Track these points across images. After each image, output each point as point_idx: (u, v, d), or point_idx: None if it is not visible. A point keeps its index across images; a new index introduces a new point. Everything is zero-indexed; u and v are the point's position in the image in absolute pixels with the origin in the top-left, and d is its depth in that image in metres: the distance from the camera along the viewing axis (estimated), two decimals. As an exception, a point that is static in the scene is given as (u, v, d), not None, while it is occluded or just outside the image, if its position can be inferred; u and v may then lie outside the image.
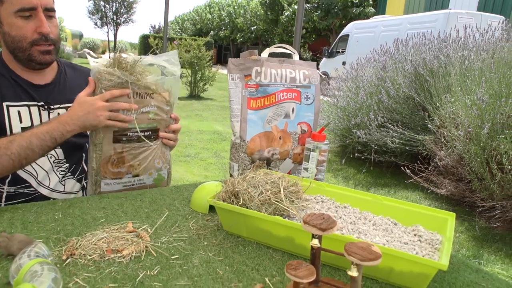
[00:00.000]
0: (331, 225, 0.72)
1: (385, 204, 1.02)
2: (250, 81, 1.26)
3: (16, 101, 1.21)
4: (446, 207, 3.46)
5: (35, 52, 1.19)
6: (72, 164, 1.32)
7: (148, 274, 0.77)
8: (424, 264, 0.74)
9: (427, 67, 3.95)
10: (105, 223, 0.97)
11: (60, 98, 1.29)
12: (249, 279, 0.78)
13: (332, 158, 4.90)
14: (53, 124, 1.12)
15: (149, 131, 1.23)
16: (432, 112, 3.73)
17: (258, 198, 0.92)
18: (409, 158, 4.03)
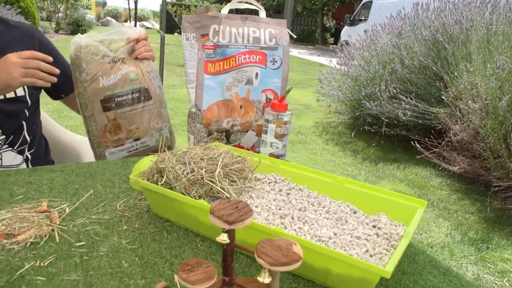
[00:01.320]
0: (242, 217, 0.57)
1: (347, 187, 0.86)
2: (207, 42, 1.10)
3: None
4: (458, 185, 3.26)
5: None
6: (9, 135, 1.19)
7: (36, 266, 0.65)
8: (363, 269, 0.59)
9: (447, 33, 3.64)
10: (21, 200, 0.85)
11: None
12: (156, 275, 0.65)
13: (342, 130, 4.69)
14: None
15: (137, 92, 1.15)
16: (448, 82, 3.45)
17: (187, 177, 0.78)
18: (422, 132, 3.79)
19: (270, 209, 0.80)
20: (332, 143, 4.25)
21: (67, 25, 16.37)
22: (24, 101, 1.17)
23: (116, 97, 1.13)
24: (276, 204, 0.82)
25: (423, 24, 3.98)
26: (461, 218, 2.74)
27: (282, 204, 0.82)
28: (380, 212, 0.81)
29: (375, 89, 3.87)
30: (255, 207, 0.80)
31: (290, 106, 6.22)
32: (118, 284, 0.62)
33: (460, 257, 2.29)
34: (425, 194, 3.08)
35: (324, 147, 4.11)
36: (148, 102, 1.17)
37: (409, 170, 3.56)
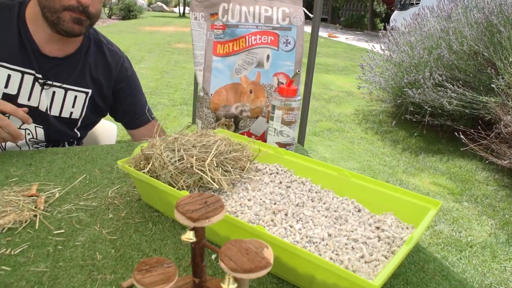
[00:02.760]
0: (208, 214, 0.50)
1: (354, 182, 0.77)
2: (216, 21, 1.03)
3: (10, 63, 1.03)
4: (507, 181, 3.01)
5: (66, 17, 0.99)
6: (52, 144, 1.17)
7: (5, 254, 0.62)
8: (349, 280, 0.51)
9: (503, 14, 3.33)
10: (15, 183, 0.84)
11: (63, 76, 1.10)
12: (128, 271, 0.60)
13: (383, 119, 4.48)
14: None
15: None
16: (501, 69, 3.18)
17: (175, 165, 0.72)
18: (468, 123, 3.53)
19: (263, 203, 0.73)
20: (372, 132, 4.07)
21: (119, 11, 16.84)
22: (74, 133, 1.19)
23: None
24: (272, 198, 0.75)
25: (476, 6, 3.67)
26: (508, 216, 2.52)
27: (278, 198, 0.75)
28: (388, 212, 0.72)
29: (418, 76, 3.64)
30: (247, 200, 0.73)
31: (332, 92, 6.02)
32: (85, 279, 0.58)
33: (504, 259, 2.11)
34: (469, 189, 2.87)
35: (363, 136, 3.94)
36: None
37: (452, 163, 3.33)
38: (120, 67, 1.20)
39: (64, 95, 1.12)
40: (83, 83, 1.14)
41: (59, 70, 1.09)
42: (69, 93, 1.12)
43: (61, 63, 1.09)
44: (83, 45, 1.13)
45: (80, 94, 1.14)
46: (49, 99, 1.10)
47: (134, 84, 1.25)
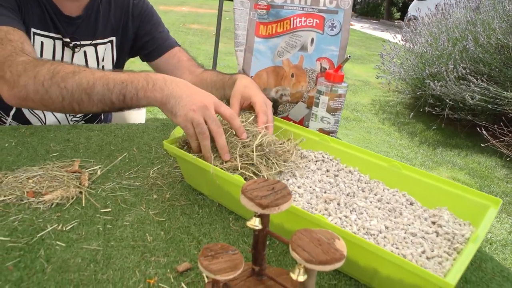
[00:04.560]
0: (278, 201, 0.49)
1: (405, 174, 0.75)
2: (260, 1, 0.99)
3: (43, 30, 1.02)
4: (526, 179, 2.97)
5: None
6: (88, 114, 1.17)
7: (58, 229, 0.61)
8: (419, 276, 0.49)
9: (533, 9, 3.24)
10: (56, 158, 0.83)
11: (88, 33, 1.08)
12: (180, 254, 0.59)
13: (400, 110, 4.42)
14: (136, 76, 0.80)
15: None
16: (528, 65, 3.10)
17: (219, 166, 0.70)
18: (490, 119, 3.47)
19: (314, 191, 0.71)
20: (389, 123, 4.02)
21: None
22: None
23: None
24: (321, 186, 0.73)
25: (506, -2, 3.57)
26: (527, 215, 2.49)
27: (328, 187, 0.73)
28: (442, 207, 0.70)
29: (441, 68, 3.56)
30: (297, 187, 0.71)
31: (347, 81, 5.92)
32: (138, 260, 0.57)
33: (522, 258, 2.08)
34: (488, 185, 2.83)
35: (380, 127, 3.90)
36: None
37: (471, 158, 3.29)
38: (133, 0, 1.16)
39: (96, 52, 1.11)
40: (107, 33, 1.12)
41: (83, 28, 1.07)
42: (99, 48, 1.11)
43: (83, 20, 1.07)
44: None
45: (107, 46, 1.13)
46: (82, 61, 1.09)
47: (151, 13, 1.20)
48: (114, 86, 0.79)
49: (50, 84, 0.80)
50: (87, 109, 0.83)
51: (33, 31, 1.00)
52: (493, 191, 2.75)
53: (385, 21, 17.48)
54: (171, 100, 0.74)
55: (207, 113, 0.72)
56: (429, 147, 3.47)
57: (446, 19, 4.00)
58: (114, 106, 0.81)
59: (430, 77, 3.69)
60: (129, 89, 0.78)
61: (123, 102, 0.79)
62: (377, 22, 16.90)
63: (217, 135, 0.71)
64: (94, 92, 0.79)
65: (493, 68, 3.46)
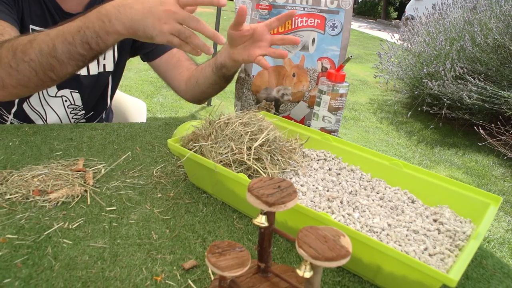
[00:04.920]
0: (284, 199, 0.49)
1: (406, 173, 0.76)
2: (262, 1, 1.00)
3: (42, 26, 1.01)
4: (523, 178, 2.99)
5: None
6: (89, 112, 1.17)
7: (64, 227, 0.62)
8: (422, 272, 0.50)
9: (530, 9, 3.26)
10: (60, 156, 0.83)
11: None
12: (186, 252, 0.60)
13: (398, 109, 4.43)
14: (88, 18, 0.77)
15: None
16: (525, 65, 3.12)
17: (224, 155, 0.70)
18: (487, 118, 3.49)
19: (317, 189, 0.72)
20: (387, 122, 4.03)
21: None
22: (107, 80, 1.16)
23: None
24: (324, 184, 0.74)
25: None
26: (524, 214, 2.51)
27: (330, 185, 0.74)
28: (443, 205, 0.71)
29: (439, 67, 3.58)
30: (300, 186, 0.72)
31: (345, 80, 5.92)
32: (145, 257, 0.58)
33: (520, 256, 2.10)
34: (485, 184, 2.85)
35: (378, 126, 3.91)
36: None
37: (468, 157, 3.31)
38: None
39: None
40: None
41: None
42: None
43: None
44: None
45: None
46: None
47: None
48: (74, 38, 0.77)
49: (16, 62, 0.78)
50: (63, 72, 0.81)
51: (31, 28, 1.00)
52: (490, 190, 2.77)
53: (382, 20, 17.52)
54: (138, 27, 0.74)
55: (178, 16, 0.73)
56: (427, 146, 3.49)
57: (443, 19, 4.02)
58: (86, 57, 0.80)
59: (427, 76, 3.71)
60: (89, 34, 0.76)
61: (90, 50, 0.78)
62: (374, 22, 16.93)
63: (201, 29, 0.74)
64: (58, 52, 0.77)
65: (490, 67, 3.48)
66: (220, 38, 0.75)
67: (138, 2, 0.75)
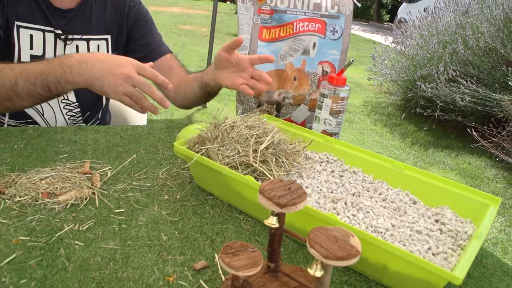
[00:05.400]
0: (295, 201, 0.51)
1: (407, 174, 0.78)
2: (264, 5, 1.02)
3: (29, 23, 1.02)
4: (515, 179, 3.03)
5: None
6: (86, 111, 1.18)
7: (75, 229, 0.62)
8: (428, 270, 0.51)
9: (521, 13, 3.32)
10: (66, 159, 0.84)
11: (81, 27, 1.09)
12: (196, 253, 0.61)
13: (392, 111, 4.48)
14: (52, 65, 0.86)
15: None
16: (517, 68, 3.17)
17: (231, 157, 0.72)
18: (479, 120, 3.54)
19: (321, 191, 0.73)
20: (381, 124, 4.07)
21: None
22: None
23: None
24: (328, 186, 0.75)
25: (494, 2, 3.64)
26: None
27: (334, 187, 0.75)
28: (444, 205, 0.73)
29: (432, 70, 3.63)
30: (305, 188, 0.74)
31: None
32: (156, 258, 0.59)
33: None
34: (478, 185, 2.90)
35: (372, 128, 3.95)
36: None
37: (461, 159, 3.35)
38: (130, 2, 1.18)
39: (88, 47, 1.12)
40: (100, 29, 1.13)
41: (75, 21, 1.08)
42: (91, 44, 1.12)
43: (75, 13, 1.08)
44: None
45: (101, 42, 1.14)
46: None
47: (146, 17, 1.22)
48: (36, 80, 0.85)
49: None
50: (19, 105, 0.88)
51: (17, 24, 1.01)
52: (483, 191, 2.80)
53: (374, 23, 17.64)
54: (96, 82, 0.84)
55: (133, 81, 0.84)
56: (421, 148, 3.53)
57: (436, 22, 4.07)
58: (43, 97, 0.88)
59: (421, 79, 3.76)
60: (50, 79, 0.85)
61: (49, 92, 0.86)
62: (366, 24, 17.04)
63: (152, 94, 0.85)
64: (19, 89, 0.85)
65: (482, 70, 3.54)
66: (166, 103, 0.88)
67: (99, 62, 0.86)
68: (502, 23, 3.43)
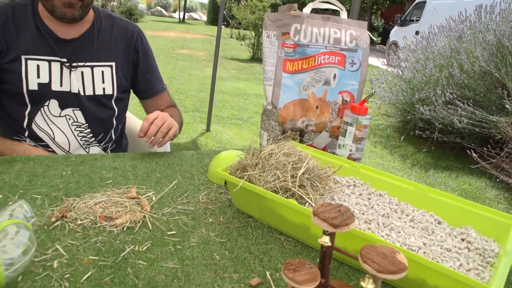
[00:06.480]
0: (346, 221, 0.57)
1: (430, 197, 0.85)
2: (287, 40, 1.10)
3: (36, 54, 1.12)
4: (514, 199, 3.11)
5: (57, 3, 1.07)
6: (98, 133, 1.25)
7: (135, 250, 0.68)
8: (466, 284, 0.57)
9: (514, 38, 3.46)
10: (111, 185, 0.90)
11: (85, 55, 1.18)
12: (248, 270, 0.67)
13: (391, 134, 4.58)
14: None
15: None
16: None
17: (271, 183, 0.78)
18: (477, 141, 3.64)
19: (354, 213, 0.80)
20: (380, 146, 4.16)
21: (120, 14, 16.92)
22: (111, 108, 1.25)
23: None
24: (359, 208, 0.82)
25: (486, 28, 3.80)
26: (517, 233, 2.61)
27: (364, 209, 0.82)
28: (467, 225, 0.79)
29: (429, 93, 3.75)
30: (338, 210, 0.80)
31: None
32: (213, 276, 0.64)
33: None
34: (479, 205, 2.96)
35: (372, 150, 4.03)
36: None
37: (462, 180, 3.43)
38: (136, 36, 1.27)
39: (92, 73, 1.19)
40: (104, 57, 1.21)
41: (79, 50, 1.17)
42: (95, 70, 1.20)
43: (80, 42, 1.17)
44: (95, 22, 1.20)
45: (106, 69, 1.22)
46: (80, 80, 1.18)
47: (149, 53, 1.32)
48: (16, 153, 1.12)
49: None
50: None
51: (24, 58, 1.10)
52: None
53: (367, 46, 17.95)
54: None
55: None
56: (421, 169, 3.61)
57: (431, 47, 4.22)
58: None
59: (419, 101, 3.87)
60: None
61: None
62: (360, 47, 17.37)
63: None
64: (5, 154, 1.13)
65: (478, 93, 3.66)
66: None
67: None
68: (495, 48, 3.57)
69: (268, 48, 1.12)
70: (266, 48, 1.12)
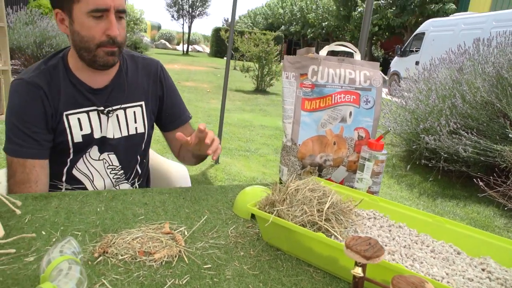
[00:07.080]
0: (377, 253, 0.62)
1: (448, 228, 0.89)
2: (305, 81, 1.17)
3: (75, 108, 1.18)
4: (523, 227, 3.12)
5: (101, 53, 1.13)
6: (128, 171, 1.31)
7: (176, 283, 0.73)
8: (491, 311, 0.62)
9: (513, 70, 3.56)
10: (144, 220, 0.95)
11: (118, 99, 1.24)
12: (283, 301, 0.71)
13: (396, 163, 4.63)
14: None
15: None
16: (514, 120, 3.36)
17: (299, 217, 0.84)
18: (483, 170, 3.68)
19: (377, 245, 0.84)
20: (387, 176, 4.20)
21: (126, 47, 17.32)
22: (139, 142, 1.31)
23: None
24: (381, 240, 0.86)
25: (485, 60, 3.92)
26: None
27: (386, 241, 0.86)
28: (485, 255, 0.83)
29: (434, 123, 3.83)
30: (362, 242, 0.84)
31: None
32: (252, 307, 0.69)
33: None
34: (489, 234, 2.97)
35: (379, 179, 4.07)
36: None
37: (470, 208, 3.45)
38: (160, 71, 1.34)
39: (125, 114, 1.26)
40: (135, 97, 1.28)
41: (113, 95, 1.24)
42: (128, 111, 1.27)
43: (112, 88, 1.24)
44: (121, 65, 1.27)
45: (137, 109, 1.28)
46: (116, 123, 1.24)
47: (172, 86, 1.39)
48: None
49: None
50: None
51: (65, 114, 1.17)
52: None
53: (368, 76, 18.24)
54: None
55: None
56: (429, 199, 3.63)
57: (433, 78, 4.33)
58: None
59: (423, 131, 3.94)
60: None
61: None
62: (360, 77, 17.66)
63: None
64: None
65: (481, 122, 3.73)
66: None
67: None
68: (495, 79, 3.67)
69: (287, 88, 1.19)
70: (286, 88, 1.19)
